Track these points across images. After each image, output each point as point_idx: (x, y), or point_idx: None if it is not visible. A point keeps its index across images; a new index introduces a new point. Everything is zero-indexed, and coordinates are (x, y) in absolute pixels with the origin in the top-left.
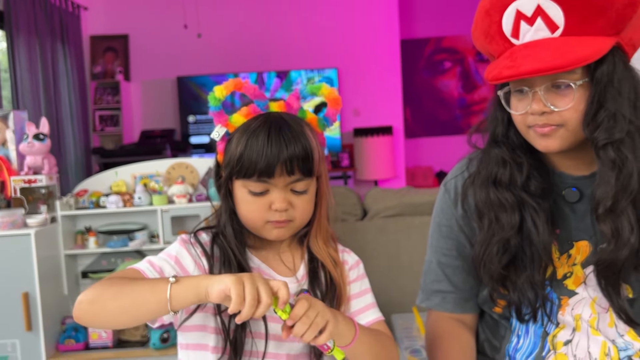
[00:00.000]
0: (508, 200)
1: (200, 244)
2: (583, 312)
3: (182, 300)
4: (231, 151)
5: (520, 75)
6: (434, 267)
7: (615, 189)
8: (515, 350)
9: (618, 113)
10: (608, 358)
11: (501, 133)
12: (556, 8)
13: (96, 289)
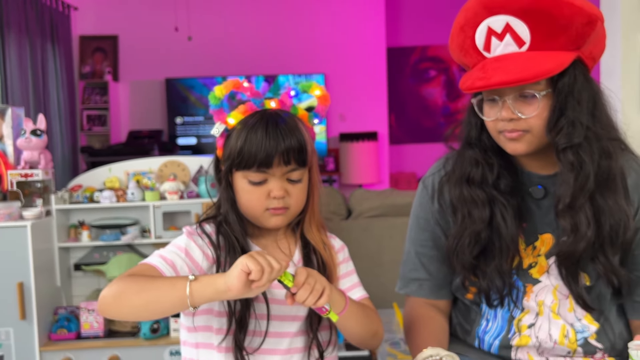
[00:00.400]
0: (480, 197)
1: (206, 234)
2: (546, 298)
3: (202, 296)
4: (231, 145)
5: (490, 85)
6: (411, 257)
7: (574, 188)
8: (484, 333)
9: (577, 120)
10: (566, 340)
11: (474, 136)
12: (523, 26)
13: (119, 286)
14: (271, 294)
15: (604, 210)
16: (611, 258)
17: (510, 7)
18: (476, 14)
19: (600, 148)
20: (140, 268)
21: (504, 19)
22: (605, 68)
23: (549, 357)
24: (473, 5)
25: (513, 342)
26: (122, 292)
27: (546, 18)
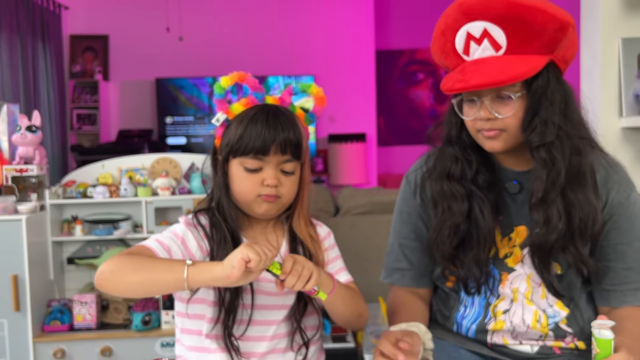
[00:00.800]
0: (459, 191)
1: (201, 226)
2: (520, 286)
3: (198, 281)
4: (231, 133)
5: (468, 87)
6: (395, 249)
7: (546, 183)
8: (462, 318)
9: (549, 120)
10: (539, 324)
11: (455, 135)
12: (499, 31)
13: (117, 262)
14: (258, 286)
15: (574, 203)
16: (581, 249)
17: (488, 14)
18: (456, 20)
19: (571, 146)
20: (138, 249)
21: (481, 25)
22: (585, 73)
23: (522, 340)
24: (453, 11)
25: (489, 326)
26: (120, 268)
27: (521, 24)
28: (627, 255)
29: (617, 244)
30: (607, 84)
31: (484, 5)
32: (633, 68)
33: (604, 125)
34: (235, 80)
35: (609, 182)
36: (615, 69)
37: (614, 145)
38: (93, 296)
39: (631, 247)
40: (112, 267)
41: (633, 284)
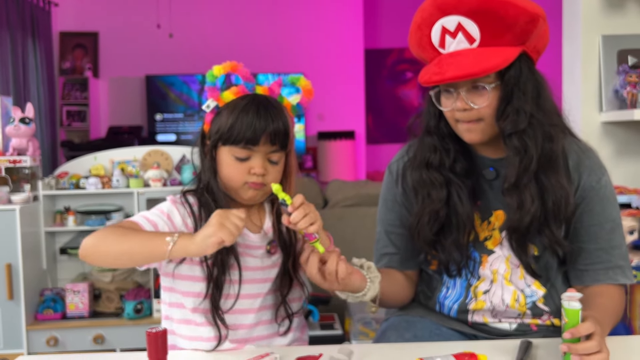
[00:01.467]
0: (437, 179)
1: (188, 204)
2: (499, 267)
3: (179, 252)
4: (222, 121)
5: (445, 80)
6: (382, 236)
7: (519, 169)
8: (445, 298)
9: (521, 109)
10: (517, 303)
11: (433, 125)
12: (473, 25)
13: (101, 235)
14: (245, 262)
15: (547, 188)
16: (555, 231)
17: (461, 9)
18: (431, 14)
19: (543, 133)
20: (125, 222)
21: (456, 19)
22: (567, 69)
23: (502, 318)
24: (428, 6)
25: (470, 306)
26: (104, 238)
27: (493, 18)
28: (599, 237)
29: (590, 226)
30: (587, 80)
31: (457, 0)
32: (613, 64)
33: (584, 120)
34: (227, 70)
35: (581, 167)
36: (595, 66)
37: (594, 139)
38: (86, 285)
39: (603, 228)
40: (96, 239)
41: (605, 263)
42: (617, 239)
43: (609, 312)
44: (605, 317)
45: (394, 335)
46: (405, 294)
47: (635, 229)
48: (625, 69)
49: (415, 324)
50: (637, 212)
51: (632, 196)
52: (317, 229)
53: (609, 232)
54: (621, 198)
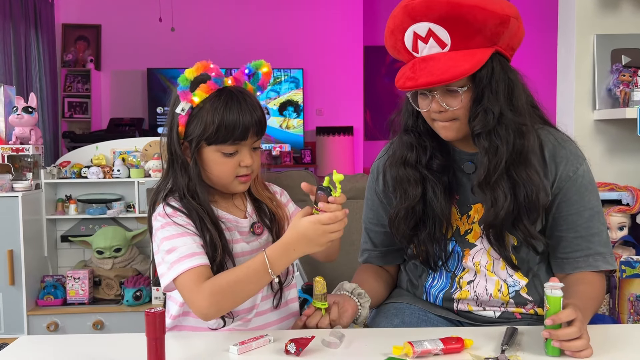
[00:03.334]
0: (413, 176)
1: (179, 211)
2: (481, 259)
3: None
4: (206, 121)
5: (418, 86)
6: (363, 233)
7: (488, 168)
8: (431, 287)
9: (489, 109)
10: (500, 293)
11: (411, 123)
12: (443, 31)
13: (214, 302)
14: (241, 249)
15: (519, 183)
16: (528, 225)
17: (431, 16)
18: (402, 21)
19: (514, 130)
20: (214, 279)
21: (426, 26)
22: (562, 67)
23: (486, 307)
24: (398, 13)
25: (455, 295)
26: (220, 307)
27: (462, 23)
28: (578, 225)
29: (568, 215)
30: (581, 79)
31: (426, 7)
32: (606, 63)
33: (578, 118)
34: (201, 71)
35: (557, 158)
36: (589, 64)
37: (587, 137)
38: (86, 272)
39: (581, 216)
40: (213, 308)
41: (584, 250)
42: (596, 226)
43: (589, 299)
44: (586, 304)
45: (384, 321)
46: (382, 287)
47: (625, 225)
48: (618, 68)
49: (404, 310)
50: (627, 209)
51: (622, 193)
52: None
53: (587, 220)
54: (612, 195)
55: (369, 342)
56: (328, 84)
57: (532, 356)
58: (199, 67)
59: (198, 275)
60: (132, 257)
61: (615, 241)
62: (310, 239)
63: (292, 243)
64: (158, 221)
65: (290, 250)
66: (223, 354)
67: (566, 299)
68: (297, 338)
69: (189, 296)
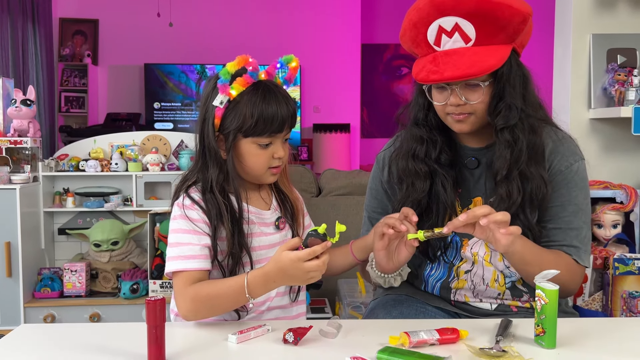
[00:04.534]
0: (422, 170)
1: (197, 205)
2: (479, 250)
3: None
4: (244, 115)
5: (443, 79)
6: (365, 221)
7: (510, 161)
8: (429, 276)
9: (512, 104)
10: (496, 283)
11: (421, 117)
12: (470, 25)
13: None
14: (260, 242)
15: (527, 177)
16: (529, 216)
17: (459, 10)
18: (429, 14)
19: (529, 125)
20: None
21: (453, 20)
22: (558, 66)
23: (482, 298)
24: (425, 5)
25: (452, 284)
26: (198, 313)
27: (489, 19)
28: (559, 217)
29: (552, 206)
30: (577, 77)
31: (456, 1)
32: (602, 63)
33: (573, 116)
34: (241, 65)
35: (554, 153)
36: (585, 63)
37: (583, 135)
38: (83, 265)
39: (565, 210)
40: (191, 313)
41: (559, 241)
42: (577, 222)
43: (543, 251)
44: (534, 248)
45: (382, 312)
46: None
47: (619, 223)
48: (614, 67)
49: (402, 302)
50: (621, 207)
51: (616, 191)
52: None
53: (570, 215)
54: (606, 192)
55: (366, 332)
56: (325, 81)
57: (526, 347)
58: (240, 61)
59: (188, 278)
60: (129, 251)
61: (609, 239)
62: (290, 276)
63: (272, 275)
64: (175, 210)
65: (270, 282)
66: (222, 342)
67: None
68: (295, 328)
69: (176, 296)
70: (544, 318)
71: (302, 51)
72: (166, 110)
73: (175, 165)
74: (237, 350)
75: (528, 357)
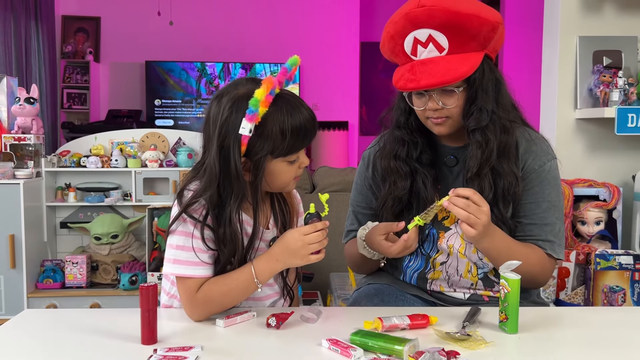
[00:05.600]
0: (403, 169)
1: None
2: (455, 242)
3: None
4: (274, 136)
5: (420, 87)
6: (350, 215)
7: (480, 161)
8: (407, 267)
9: (483, 107)
10: (469, 274)
11: (403, 120)
12: (442, 36)
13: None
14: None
15: (500, 174)
16: (502, 210)
17: (431, 23)
18: (404, 27)
19: (501, 126)
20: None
21: (427, 32)
22: (546, 67)
23: (456, 288)
24: (400, 19)
25: (428, 275)
26: (210, 310)
27: (460, 30)
28: (534, 213)
29: (527, 203)
30: (564, 78)
31: (428, 15)
32: (588, 64)
33: (560, 116)
34: (269, 90)
35: (527, 153)
36: (572, 65)
37: (569, 135)
38: (84, 257)
39: (539, 206)
40: (204, 315)
41: (535, 236)
42: (550, 218)
43: (516, 244)
44: (508, 241)
45: (364, 300)
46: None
47: (602, 220)
48: (599, 69)
49: (383, 291)
50: (604, 204)
51: (600, 189)
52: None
53: (544, 211)
54: (590, 190)
55: (345, 318)
56: (324, 79)
57: (490, 332)
58: (268, 85)
59: (196, 284)
60: (129, 244)
61: (592, 235)
62: (292, 250)
63: (276, 254)
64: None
65: (274, 261)
66: (210, 326)
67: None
68: (278, 313)
69: (185, 302)
70: (507, 305)
71: (301, 49)
72: (167, 107)
73: (173, 162)
74: (224, 333)
75: (490, 341)
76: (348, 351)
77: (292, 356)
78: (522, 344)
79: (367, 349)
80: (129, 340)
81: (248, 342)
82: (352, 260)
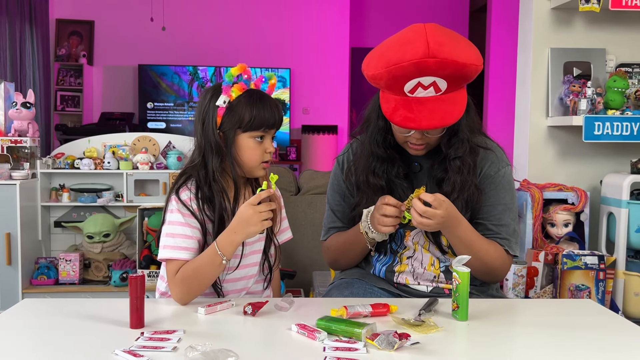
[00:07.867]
0: (380, 184)
1: (193, 200)
2: (419, 240)
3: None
4: (242, 113)
5: (422, 128)
6: (329, 213)
7: (460, 185)
8: (377, 261)
9: (463, 137)
10: (432, 267)
11: (381, 139)
12: (444, 82)
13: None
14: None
15: (464, 187)
16: (463, 214)
17: (441, 73)
18: (412, 73)
19: (471, 148)
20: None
21: (432, 79)
22: (520, 77)
23: (420, 281)
24: (410, 66)
25: (395, 268)
26: (189, 293)
27: (461, 77)
28: (491, 215)
29: (484, 206)
30: (537, 88)
31: (439, 67)
32: (559, 75)
33: (533, 123)
34: (242, 71)
35: (484, 160)
36: (544, 75)
37: (541, 141)
38: (77, 255)
39: (495, 209)
40: (185, 294)
41: (494, 234)
42: (505, 219)
43: (478, 237)
44: (474, 236)
45: (336, 292)
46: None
47: (570, 222)
48: (569, 79)
49: (353, 284)
50: (572, 207)
51: (569, 193)
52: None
53: (499, 213)
54: (559, 194)
55: (315, 307)
56: (314, 83)
57: (443, 319)
58: (241, 67)
59: (177, 266)
60: (120, 242)
61: (561, 236)
62: (246, 220)
63: (233, 226)
64: (171, 204)
65: (232, 233)
66: (192, 314)
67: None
68: (254, 302)
69: (169, 283)
70: (458, 295)
71: (292, 54)
72: (159, 110)
73: (163, 164)
74: (205, 320)
75: (441, 327)
76: (314, 334)
77: (264, 339)
78: (470, 329)
79: (330, 332)
80: (118, 324)
81: (226, 327)
82: (335, 252)
